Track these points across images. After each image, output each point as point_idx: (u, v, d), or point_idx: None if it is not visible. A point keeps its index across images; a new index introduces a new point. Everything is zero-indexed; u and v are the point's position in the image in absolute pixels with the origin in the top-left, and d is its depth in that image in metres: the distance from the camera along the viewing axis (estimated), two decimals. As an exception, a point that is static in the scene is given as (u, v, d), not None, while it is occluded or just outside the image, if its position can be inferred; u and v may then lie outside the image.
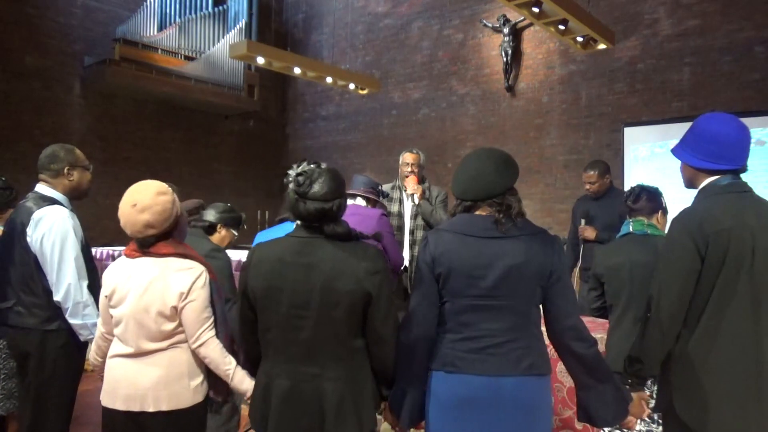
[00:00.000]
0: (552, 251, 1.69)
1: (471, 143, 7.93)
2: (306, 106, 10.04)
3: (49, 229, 2.38)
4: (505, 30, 7.45)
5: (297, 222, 1.82)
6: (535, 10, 5.15)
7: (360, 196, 3.27)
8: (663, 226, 2.52)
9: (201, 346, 1.90)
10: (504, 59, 7.50)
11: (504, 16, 7.48)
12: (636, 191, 2.55)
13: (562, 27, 5.50)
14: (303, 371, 1.70)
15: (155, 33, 8.20)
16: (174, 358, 1.92)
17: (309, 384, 1.70)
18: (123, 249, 2.04)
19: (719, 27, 6.06)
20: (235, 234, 3.00)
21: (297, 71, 7.05)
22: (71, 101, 7.91)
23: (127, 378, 1.90)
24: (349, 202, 3.29)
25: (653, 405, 2.08)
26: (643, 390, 1.96)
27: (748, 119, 1.96)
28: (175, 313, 1.89)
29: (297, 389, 1.70)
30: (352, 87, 7.59)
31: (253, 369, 1.89)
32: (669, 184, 2.59)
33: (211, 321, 1.93)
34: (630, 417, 1.80)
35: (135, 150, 8.48)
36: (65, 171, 2.51)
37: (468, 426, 1.64)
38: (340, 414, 1.67)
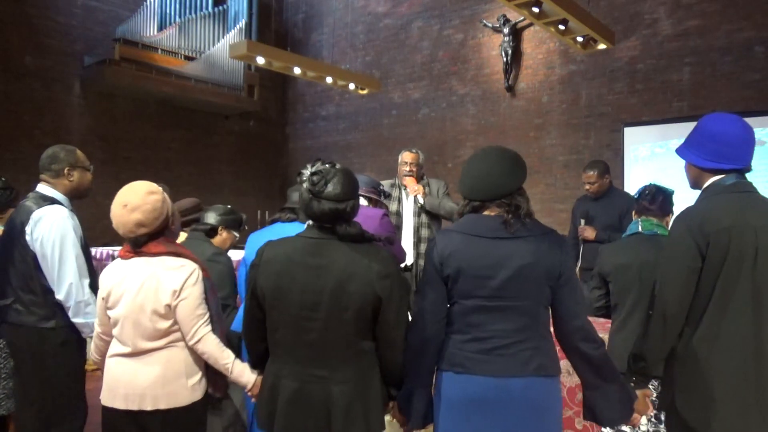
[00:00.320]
0: (560, 252, 1.68)
1: (471, 143, 7.93)
2: (306, 106, 10.04)
3: (49, 229, 2.39)
4: (505, 30, 7.45)
5: (304, 222, 1.80)
6: (535, 10, 5.14)
7: (362, 196, 3.27)
8: (668, 226, 2.50)
9: (198, 342, 1.91)
10: (504, 59, 7.50)
11: (504, 16, 7.48)
12: (653, 192, 2.49)
13: (562, 27, 5.50)
14: (311, 373, 1.70)
15: (155, 33, 8.20)
16: (171, 356, 1.93)
17: (317, 386, 1.69)
18: (119, 250, 2.05)
19: (719, 27, 6.06)
20: (236, 236, 3.00)
21: (297, 71, 7.05)
22: (71, 101, 7.91)
23: (126, 377, 1.92)
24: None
25: (657, 404, 2.08)
26: (648, 388, 1.97)
27: (748, 119, 1.96)
28: (170, 311, 1.90)
29: (304, 391, 1.70)
30: (352, 87, 7.59)
31: (257, 365, 1.89)
32: (669, 184, 2.58)
33: (207, 317, 1.94)
34: (635, 414, 1.81)
35: (135, 150, 8.48)
36: (66, 171, 2.52)
37: (477, 427, 1.64)
38: (348, 417, 1.67)
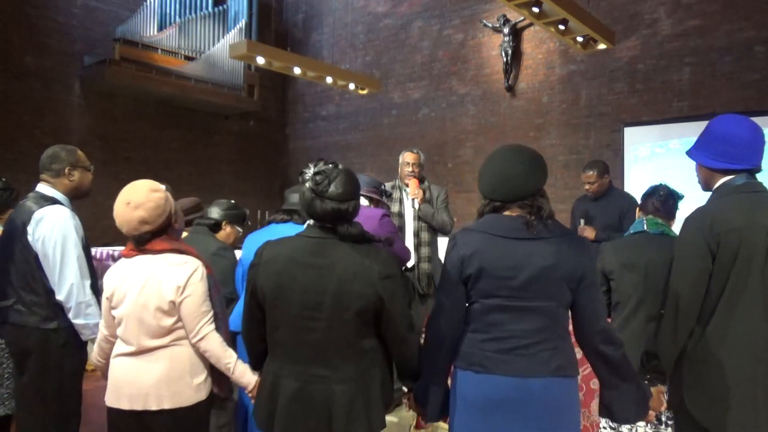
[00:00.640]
0: (582, 254, 1.68)
1: (471, 143, 7.94)
2: (306, 106, 10.04)
3: (51, 229, 2.38)
4: (505, 30, 7.46)
5: (309, 222, 1.80)
6: (535, 10, 5.15)
7: (363, 196, 3.26)
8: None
9: (201, 340, 1.91)
10: (504, 59, 7.50)
11: (504, 16, 7.48)
12: (665, 193, 2.47)
13: (562, 27, 5.50)
14: (312, 372, 1.70)
15: (155, 33, 8.20)
16: (176, 355, 1.92)
17: (318, 385, 1.69)
18: (122, 249, 2.04)
19: (719, 27, 6.06)
20: (240, 230, 3.02)
21: (297, 71, 7.05)
22: (71, 101, 7.92)
23: (130, 377, 1.91)
24: (351, 201, 3.29)
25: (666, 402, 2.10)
26: (661, 384, 1.98)
27: (748, 119, 1.97)
28: (174, 308, 1.89)
29: (305, 390, 1.70)
30: (352, 87, 7.59)
31: (257, 365, 1.89)
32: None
33: (211, 315, 1.94)
34: (650, 411, 1.82)
35: (135, 150, 8.48)
36: (66, 171, 2.51)
37: (495, 427, 1.64)
38: (350, 416, 1.67)
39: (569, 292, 1.67)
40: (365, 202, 3.29)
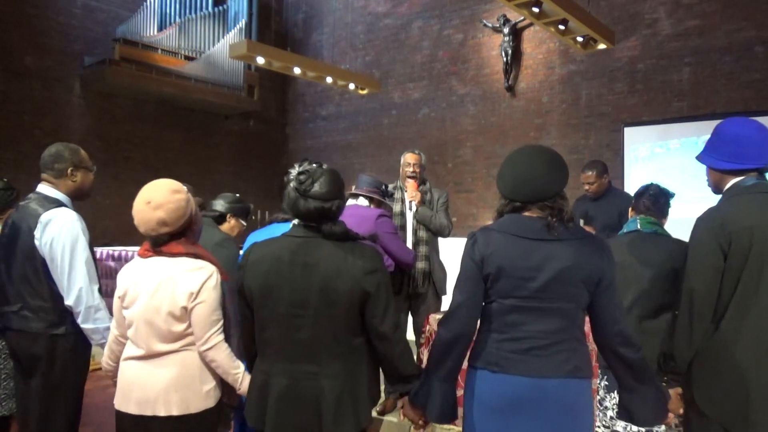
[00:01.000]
0: (602, 257, 1.68)
1: (471, 143, 7.94)
2: (306, 106, 10.04)
3: (59, 232, 2.32)
4: (505, 30, 7.46)
5: (294, 221, 1.82)
6: (535, 10, 5.15)
7: (363, 196, 3.26)
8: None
9: (209, 349, 1.87)
10: (504, 59, 7.50)
11: (504, 16, 7.48)
12: (655, 192, 2.48)
13: (562, 27, 5.50)
14: (301, 370, 1.72)
15: (155, 33, 8.20)
16: (186, 360, 1.89)
17: (307, 382, 1.71)
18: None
19: (719, 27, 6.06)
20: (244, 224, 3.04)
21: (297, 71, 7.05)
22: (71, 101, 7.91)
23: (139, 381, 1.88)
24: (352, 202, 3.28)
25: None
26: (679, 386, 1.98)
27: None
28: (185, 314, 1.86)
29: (295, 387, 1.72)
30: (352, 87, 7.59)
31: (251, 365, 1.89)
32: (669, 184, 2.58)
33: (221, 324, 1.90)
34: (669, 414, 1.83)
35: (135, 150, 8.47)
36: (69, 172, 2.44)
37: (511, 427, 1.64)
38: (338, 411, 1.69)
39: (587, 294, 1.67)
40: (365, 202, 3.29)
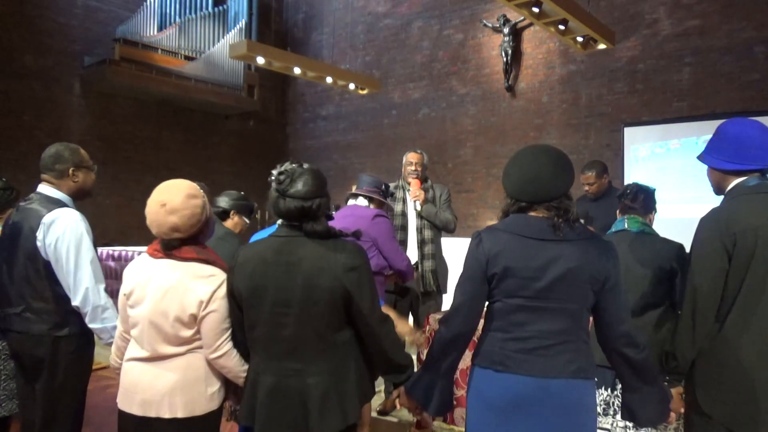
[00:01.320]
0: (608, 257, 1.68)
1: (471, 143, 7.94)
2: (306, 106, 10.04)
3: (63, 233, 2.30)
4: (505, 30, 7.46)
5: (278, 222, 1.84)
6: (535, 10, 5.15)
7: (363, 195, 3.25)
8: (651, 224, 2.54)
9: (220, 357, 1.86)
10: (504, 59, 7.51)
11: (504, 16, 7.48)
12: (633, 190, 2.55)
13: (562, 27, 5.50)
14: (287, 367, 1.74)
15: (155, 33, 8.20)
16: (191, 363, 1.87)
17: (293, 379, 1.74)
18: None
19: (719, 27, 6.06)
20: (247, 222, 3.06)
21: (297, 71, 7.05)
22: (71, 101, 7.91)
23: (144, 382, 1.86)
24: (351, 202, 3.28)
25: None
26: (680, 386, 1.99)
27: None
28: (194, 321, 1.83)
29: (281, 385, 1.74)
30: (352, 87, 7.59)
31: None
32: (669, 184, 2.59)
33: (230, 332, 1.88)
34: (671, 413, 1.83)
35: (135, 150, 8.47)
36: (70, 172, 2.41)
37: (514, 426, 1.64)
38: (324, 408, 1.71)
39: (593, 294, 1.67)
40: (365, 202, 3.29)
